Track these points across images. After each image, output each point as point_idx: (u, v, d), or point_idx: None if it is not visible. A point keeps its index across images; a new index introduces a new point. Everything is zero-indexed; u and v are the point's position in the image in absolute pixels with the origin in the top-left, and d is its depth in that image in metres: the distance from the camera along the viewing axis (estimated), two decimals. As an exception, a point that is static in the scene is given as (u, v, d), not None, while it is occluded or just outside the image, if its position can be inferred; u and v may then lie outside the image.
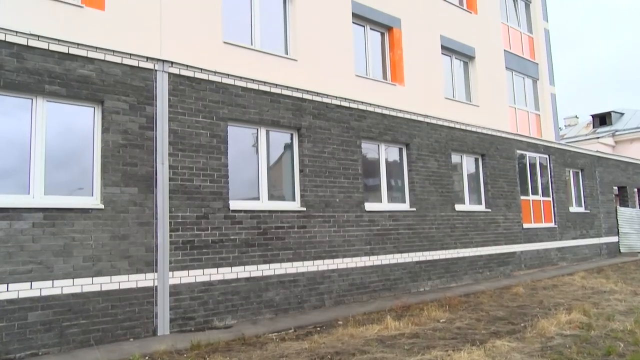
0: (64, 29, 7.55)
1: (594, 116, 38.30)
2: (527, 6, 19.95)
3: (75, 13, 8.01)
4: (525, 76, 18.94)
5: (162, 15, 8.87)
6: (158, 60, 7.31)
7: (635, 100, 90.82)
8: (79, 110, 6.75)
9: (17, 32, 6.22)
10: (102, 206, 6.53)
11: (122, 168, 6.78)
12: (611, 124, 36.08)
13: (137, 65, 7.11)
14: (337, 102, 9.47)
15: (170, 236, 7.05)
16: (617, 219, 18.43)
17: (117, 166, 6.74)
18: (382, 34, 13.25)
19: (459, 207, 11.76)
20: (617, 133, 34.15)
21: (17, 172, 6.26)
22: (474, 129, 12.49)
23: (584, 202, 16.91)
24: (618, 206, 19.13)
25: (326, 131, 9.20)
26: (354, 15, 12.24)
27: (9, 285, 5.74)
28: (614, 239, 18.12)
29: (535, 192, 14.68)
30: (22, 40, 6.25)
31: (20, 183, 6.23)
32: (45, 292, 5.95)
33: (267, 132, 8.57)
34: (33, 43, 6.32)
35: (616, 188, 19.61)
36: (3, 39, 6.12)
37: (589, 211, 16.89)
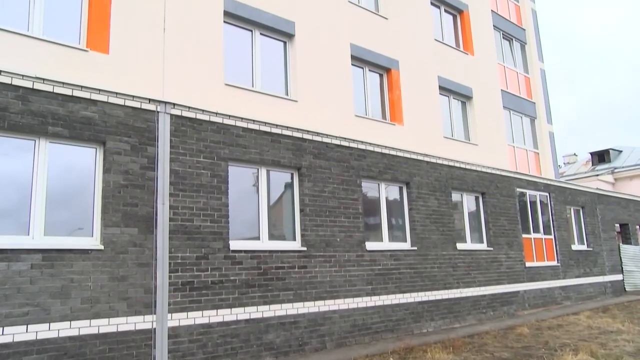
0: (69, 72, 7.70)
1: (592, 154, 38.54)
2: (523, 47, 20.39)
3: (81, 57, 8.19)
4: (523, 115, 19.16)
5: (165, 58, 9.06)
6: (160, 102, 7.42)
7: (630, 137, 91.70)
8: (80, 151, 6.81)
9: (23, 75, 6.34)
10: (101, 247, 6.49)
11: (122, 208, 6.77)
12: (610, 161, 36.26)
13: (139, 106, 7.21)
14: (337, 142, 9.55)
15: (170, 277, 6.97)
16: (620, 257, 18.27)
17: (117, 206, 6.74)
18: (381, 75, 13.50)
19: (460, 245, 11.68)
20: (616, 170, 34.28)
21: (18, 212, 6.26)
22: (473, 168, 12.55)
23: (586, 239, 16.81)
24: (621, 244, 19.00)
25: (326, 170, 9.24)
26: (353, 57, 12.49)
27: (4, 328, 5.64)
28: (619, 277, 17.92)
29: (536, 230, 14.61)
30: (28, 84, 6.36)
31: (20, 223, 6.22)
32: (41, 336, 5.84)
33: (268, 172, 8.61)
34: (38, 86, 6.43)
35: (618, 225, 19.53)
36: (9, 82, 6.24)
37: (591, 249, 16.77)
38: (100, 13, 8.47)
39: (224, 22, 10.20)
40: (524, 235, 13.92)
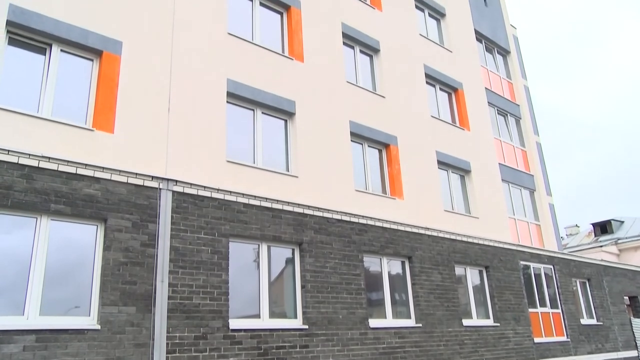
0: (74, 151, 7.87)
1: (594, 225, 38.46)
2: (518, 122, 20.92)
3: (86, 136, 8.40)
4: (522, 188, 19.31)
5: (169, 136, 9.29)
6: (163, 179, 7.53)
7: (628, 207, 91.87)
8: (81, 228, 6.82)
9: (30, 154, 6.49)
10: (98, 327, 6.34)
11: (121, 287, 6.68)
12: (612, 232, 36.11)
13: (142, 184, 7.31)
14: (338, 217, 9.58)
15: (167, 358, 6.74)
16: (633, 332, 17.70)
17: (116, 284, 6.65)
18: (380, 151, 13.77)
19: (466, 321, 11.37)
20: (619, 241, 34.03)
21: (14, 290, 6.17)
22: (475, 241, 12.47)
23: (595, 313, 16.37)
24: (632, 317, 18.48)
25: (328, 245, 9.19)
26: (352, 134, 12.81)
27: (-7, 416, 5.39)
28: (633, 353, 17.26)
29: (543, 304, 14.27)
30: (34, 162, 6.49)
31: (15, 302, 6.11)
32: None
33: (269, 248, 8.56)
34: (44, 164, 6.56)
35: (627, 298, 19.09)
36: (16, 161, 6.37)
37: (601, 323, 16.29)
38: (107, 95, 8.79)
39: (227, 102, 10.55)
40: (531, 310, 13.58)
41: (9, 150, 6.36)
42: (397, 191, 13.29)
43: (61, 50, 8.77)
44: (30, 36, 8.47)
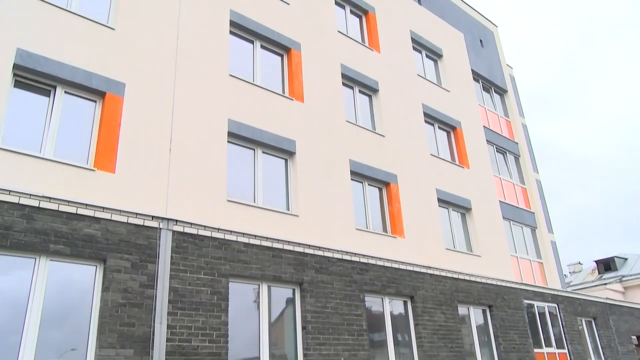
0: (75, 191, 7.89)
1: (597, 262, 38.12)
2: (517, 159, 21.04)
3: (87, 176, 8.44)
4: (523, 225, 19.24)
5: (169, 176, 9.33)
6: (163, 218, 7.51)
7: (630, 244, 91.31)
8: (80, 269, 6.77)
9: (31, 194, 6.51)
10: (94, 371, 6.20)
11: (119, 329, 6.57)
12: (616, 270, 35.74)
13: (142, 223, 7.29)
14: (339, 256, 9.51)
15: (164, 403, 6.57)
16: (641, 373, 17.27)
17: (114, 326, 6.54)
18: (380, 189, 13.79)
19: (471, 363, 11.11)
20: (624, 279, 33.63)
21: (9, 333, 6.06)
22: (478, 280, 12.34)
23: (603, 353, 16.01)
24: (640, 358, 18.06)
25: (329, 285, 9.09)
26: (352, 172, 12.85)
27: None
28: (642, 395, 16.80)
29: (548, 344, 13.99)
30: (34, 202, 6.50)
31: (10, 345, 6.00)
32: None
33: (269, 288, 8.47)
34: (44, 204, 6.57)
35: (635, 337, 18.70)
36: (17, 201, 6.38)
37: (609, 365, 15.91)
38: (109, 135, 8.88)
39: (228, 141, 10.65)
40: (536, 350, 13.29)
41: (10, 191, 6.38)
42: (397, 230, 13.23)
43: (65, 92, 8.92)
44: (36, 79, 8.64)
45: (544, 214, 20.51)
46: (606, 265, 36.95)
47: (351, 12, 15.99)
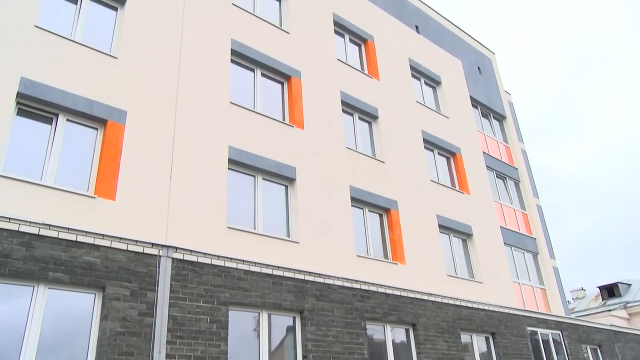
0: (75, 218, 7.88)
1: (601, 288, 37.77)
2: (517, 185, 21.05)
3: (88, 203, 8.44)
4: (525, 251, 19.13)
5: (170, 203, 9.33)
6: (163, 246, 7.48)
7: (631, 270, 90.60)
8: (79, 297, 6.70)
9: (30, 222, 6.49)
10: (91, 402, 6.08)
11: (117, 358, 6.47)
12: (620, 296, 35.39)
13: (142, 251, 7.26)
14: (340, 283, 9.43)
15: None
16: (649, 402, 16.92)
17: (112, 355, 6.45)
18: (381, 215, 13.76)
19: (474, 392, 10.91)
20: (629, 305, 33.28)
21: (5, 362, 5.98)
22: (480, 307, 12.21)
23: (609, 383, 15.71)
24: (647, 387, 17.72)
25: (329, 313, 8.99)
26: (353, 199, 12.85)
27: None
28: None
29: (554, 374, 13.74)
30: (34, 230, 6.48)
31: (6, 376, 5.90)
32: None
33: (269, 316, 8.37)
34: (44, 232, 6.55)
35: (640, 366, 18.39)
36: (16, 229, 6.36)
37: (616, 394, 15.61)
38: (110, 162, 8.91)
39: (229, 168, 10.68)
40: (542, 380, 13.05)
41: (10, 218, 6.37)
42: (399, 256, 13.16)
43: (67, 119, 9.00)
44: (38, 107, 8.73)
45: (546, 239, 20.42)
46: (610, 291, 36.61)
47: (350, 40, 16.24)
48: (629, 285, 36.58)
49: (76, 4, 10.16)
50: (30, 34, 8.89)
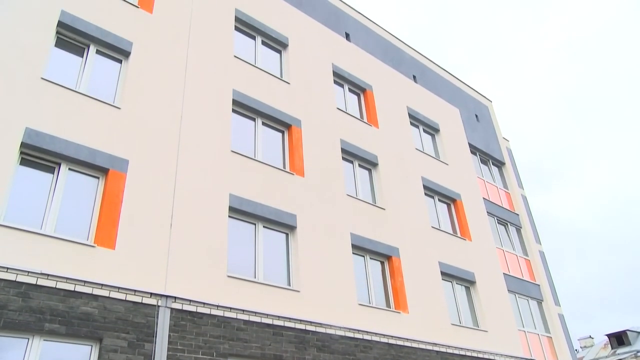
0: (74, 267, 7.80)
1: (609, 336, 36.93)
2: (519, 231, 20.95)
3: (87, 252, 8.38)
4: (529, 298, 18.83)
5: (169, 252, 9.26)
6: (162, 296, 7.39)
7: (634, 317, 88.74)
8: (75, 349, 6.56)
9: (28, 271, 6.44)
10: None
11: (111, 414, 6.27)
12: (630, 344, 34.55)
13: (140, 301, 7.16)
14: (342, 333, 9.24)
15: None
16: None
17: (106, 412, 6.24)
18: (382, 263, 13.63)
19: None
20: (639, 354, 32.41)
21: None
22: (486, 356, 11.90)
23: None
24: None
25: (331, 364, 8.76)
26: (354, 246, 12.77)
27: None
28: None
29: None
30: (32, 280, 6.42)
31: None
32: None
33: (269, 368, 8.15)
34: (42, 282, 6.48)
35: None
36: (14, 279, 6.30)
37: None
38: (110, 211, 8.91)
39: (229, 216, 10.67)
40: None
41: (7, 268, 6.32)
42: (401, 305, 12.95)
43: (69, 168, 9.07)
44: (42, 156, 8.81)
45: (550, 286, 20.14)
46: (619, 340, 35.78)
47: (350, 90, 16.58)
48: (638, 333, 35.77)
49: (82, 57, 10.45)
50: (36, 86, 9.09)
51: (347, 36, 17.89)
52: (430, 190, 16.74)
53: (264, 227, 11.35)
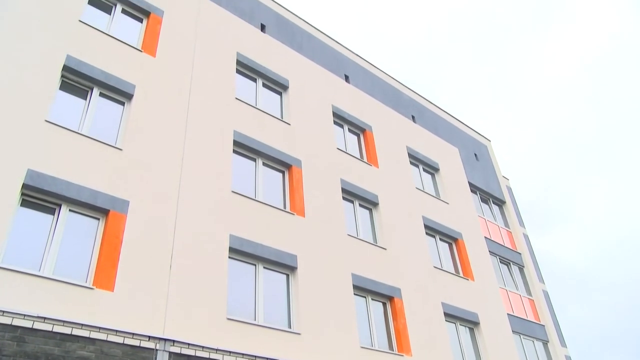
0: (71, 310, 7.68)
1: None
2: (522, 270, 20.74)
3: (85, 294, 8.27)
4: (534, 339, 18.45)
5: (169, 293, 9.15)
6: (160, 339, 7.25)
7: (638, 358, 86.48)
8: (70, 397, 6.38)
9: (24, 315, 6.34)
10: None
11: None
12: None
13: (138, 344, 7.03)
14: (343, 377, 9.01)
15: None
16: None
17: None
18: (384, 304, 13.44)
19: None
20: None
21: None
22: (492, 401, 11.56)
23: None
24: None
25: (333, 410, 8.50)
26: (355, 287, 12.62)
27: None
28: None
29: None
30: (28, 323, 6.32)
31: None
32: None
33: (269, 414, 7.91)
34: (38, 325, 6.38)
35: None
36: (9, 322, 6.20)
37: None
38: (110, 253, 8.85)
39: (229, 257, 10.59)
40: None
41: (3, 312, 6.23)
42: (404, 347, 12.68)
43: (70, 209, 9.07)
44: (43, 197, 8.83)
45: (555, 326, 19.77)
46: (627, 383, 34.83)
47: (349, 130, 16.77)
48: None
49: (86, 99, 10.62)
50: (40, 128, 9.19)
51: (347, 78, 18.22)
52: (432, 230, 16.68)
53: (264, 267, 11.25)
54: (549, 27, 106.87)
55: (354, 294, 12.52)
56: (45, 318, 6.46)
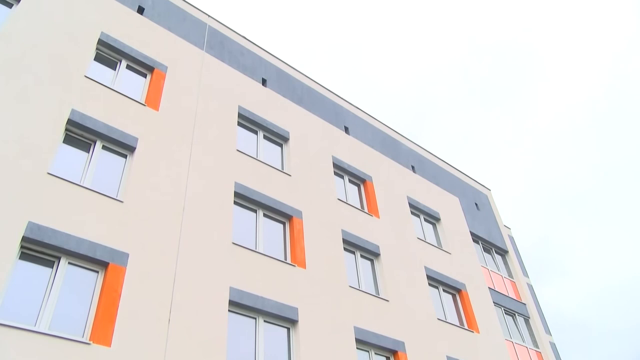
0: (66, 368, 7.47)
1: None
2: (527, 321, 20.29)
3: (82, 350, 8.06)
4: (544, 395, 17.84)
5: (167, 348, 8.92)
6: (157, 397, 7.00)
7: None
8: None
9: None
10: None
11: None
12: None
13: (134, 404, 6.77)
14: None
15: None
16: None
17: None
18: (388, 358, 13.07)
19: None
20: None
21: None
22: None
23: None
24: None
25: None
26: (357, 340, 12.30)
27: None
28: None
29: None
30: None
31: None
32: None
33: None
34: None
35: None
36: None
37: None
38: (108, 306, 8.70)
39: (229, 310, 10.40)
40: None
41: (-2, 370, 6.05)
42: (409, 404, 12.24)
43: (69, 262, 8.98)
44: (42, 250, 8.76)
45: (565, 381, 19.13)
46: None
47: (350, 181, 16.85)
48: None
49: (88, 152, 10.74)
50: (42, 181, 9.25)
51: (346, 129, 18.49)
52: (434, 281, 16.44)
53: (264, 321, 11.02)
54: (543, 76, 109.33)
55: (357, 347, 12.21)
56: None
